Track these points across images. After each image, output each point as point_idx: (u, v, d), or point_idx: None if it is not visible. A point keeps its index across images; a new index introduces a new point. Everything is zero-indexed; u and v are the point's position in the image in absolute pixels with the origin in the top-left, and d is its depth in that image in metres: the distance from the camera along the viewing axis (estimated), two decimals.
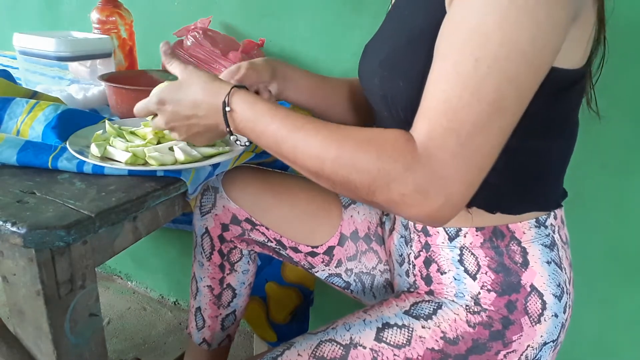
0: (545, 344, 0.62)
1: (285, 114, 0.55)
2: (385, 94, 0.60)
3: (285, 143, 0.54)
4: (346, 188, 0.51)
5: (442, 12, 0.51)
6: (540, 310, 0.61)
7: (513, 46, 0.44)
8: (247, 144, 0.65)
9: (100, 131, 0.71)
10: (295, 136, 0.53)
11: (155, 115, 0.65)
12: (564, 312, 0.63)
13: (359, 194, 0.51)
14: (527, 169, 0.60)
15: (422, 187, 0.46)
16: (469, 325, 0.61)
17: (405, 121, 0.59)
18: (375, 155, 0.48)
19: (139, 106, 0.65)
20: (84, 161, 0.63)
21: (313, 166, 0.52)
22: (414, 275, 0.69)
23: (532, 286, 0.61)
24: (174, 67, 0.64)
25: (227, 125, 0.59)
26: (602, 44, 0.58)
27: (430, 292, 0.67)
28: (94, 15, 1.11)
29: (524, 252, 0.61)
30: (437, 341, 0.61)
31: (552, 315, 0.61)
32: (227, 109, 0.58)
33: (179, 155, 0.66)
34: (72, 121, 0.73)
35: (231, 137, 0.61)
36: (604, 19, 0.56)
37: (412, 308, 0.65)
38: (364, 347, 0.62)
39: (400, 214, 0.50)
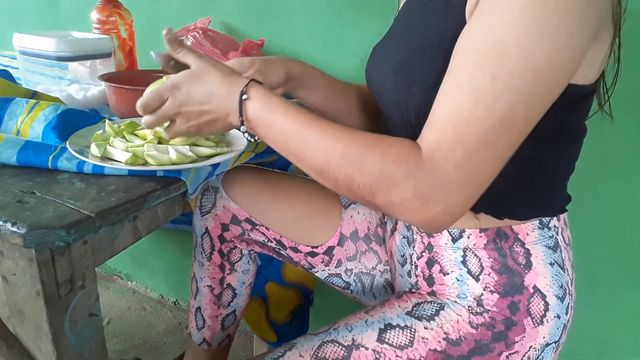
0: (547, 345, 0.62)
1: (296, 110, 0.55)
2: (398, 99, 0.60)
3: (293, 138, 0.54)
4: (348, 188, 0.52)
5: (461, 22, 0.51)
6: (543, 312, 0.61)
7: (530, 66, 0.44)
8: (253, 139, 0.62)
9: (100, 131, 0.71)
10: (304, 132, 0.53)
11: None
12: (566, 314, 0.63)
13: (360, 195, 0.51)
14: (535, 176, 0.60)
15: (422, 193, 0.47)
16: (472, 326, 0.61)
17: (417, 127, 0.59)
18: (380, 157, 0.49)
19: (150, 93, 0.62)
20: (84, 161, 0.63)
21: (319, 163, 0.53)
22: (416, 276, 0.69)
23: (535, 287, 0.61)
24: (185, 56, 0.62)
25: (241, 114, 0.58)
26: (617, 62, 0.59)
27: (432, 293, 0.66)
28: (94, 15, 1.10)
29: (528, 253, 0.61)
30: (440, 342, 0.61)
31: (555, 317, 0.61)
32: (244, 96, 0.57)
33: (173, 156, 0.65)
34: (72, 121, 0.72)
35: (241, 128, 0.59)
36: (620, 37, 0.56)
37: (415, 309, 0.65)
38: (366, 348, 0.62)
39: (397, 218, 0.51)
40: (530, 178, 0.59)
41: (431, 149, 0.47)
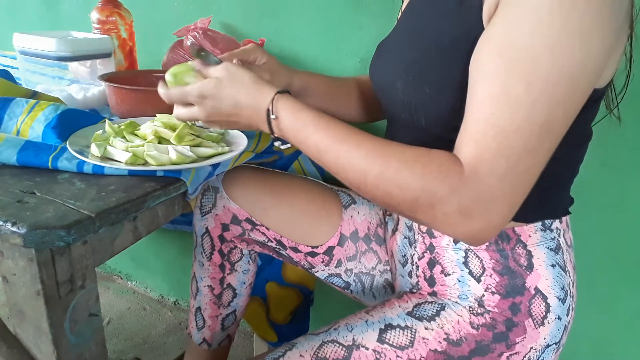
0: (548, 346, 0.62)
1: (327, 124, 0.55)
2: (409, 100, 0.60)
3: (327, 154, 0.54)
4: (387, 203, 0.51)
5: (478, 27, 0.50)
6: (544, 313, 0.61)
7: (564, 70, 0.44)
8: (289, 146, 0.64)
9: (100, 131, 0.71)
10: (338, 148, 0.53)
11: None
12: (567, 315, 0.63)
13: (400, 210, 0.51)
14: (541, 179, 0.59)
15: (467, 209, 0.46)
16: (473, 327, 0.61)
17: (426, 129, 0.59)
18: (420, 174, 0.48)
19: (177, 92, 0.62)
20: (84, 161, 0.63)
21: (355, 179, 0.53)
22: (417, 277, 0.69)
23: (536, 289, 0.61)
24: (214, 70, 0.63)
25: (272, 132, 0.59)
26: (629, 62, 0.59)
27: (433, 294, 0.66)
28: (94, 15, 1.10)
29: (529, 255, 0.61)
30: (440, 342, 0.61)
31: (556, 318, 0.61)
32: (273, 116, 0.58)
33: (173, 156, 0.65)
34: (72, 121, 0.72)
35: (275, 143, 0.62)
36: (632, 40, 0.56)
37: (415, 309, 0.65)
38: (367, 348, 0.62)
39: (441, 232, 0.50)
40: (537, 181, 0.59)
41: (473, 163, 0.46)
